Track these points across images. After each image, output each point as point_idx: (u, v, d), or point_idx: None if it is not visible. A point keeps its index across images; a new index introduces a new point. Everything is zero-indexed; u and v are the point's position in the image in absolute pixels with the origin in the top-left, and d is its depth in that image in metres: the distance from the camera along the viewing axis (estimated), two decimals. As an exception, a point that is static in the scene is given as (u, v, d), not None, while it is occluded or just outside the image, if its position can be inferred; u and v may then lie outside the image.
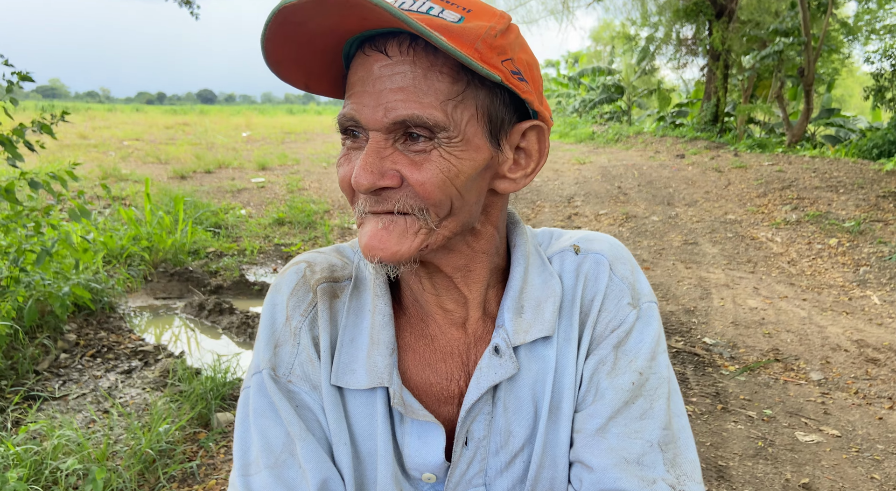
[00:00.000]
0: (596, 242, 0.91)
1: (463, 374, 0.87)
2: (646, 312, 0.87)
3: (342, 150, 0.77)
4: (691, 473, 0.82)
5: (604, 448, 0.81)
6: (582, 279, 0.88)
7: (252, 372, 0.85)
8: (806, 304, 5.22)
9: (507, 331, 0.83)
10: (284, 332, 0.85)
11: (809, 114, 14.98)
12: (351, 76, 0.73)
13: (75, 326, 4.29)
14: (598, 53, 34.64)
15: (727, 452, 3.07)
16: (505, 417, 0.85)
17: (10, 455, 2.52)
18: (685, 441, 0.84)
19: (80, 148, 15.33)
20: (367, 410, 0.84)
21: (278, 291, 0.88)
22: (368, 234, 0.74)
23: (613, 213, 8.67)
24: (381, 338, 0.83)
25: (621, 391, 0.83)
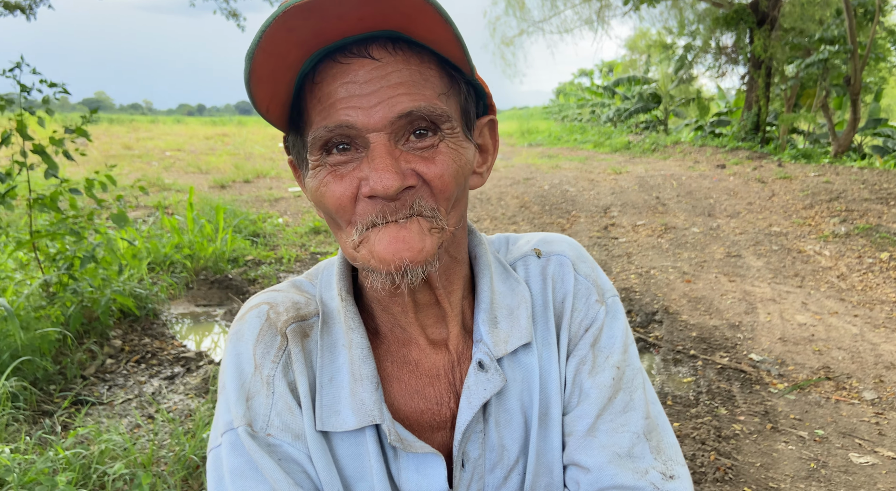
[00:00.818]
0: (556, 244, 0.92)
1: (452, 395, 0.84)
2: (612, 306, 0.89)
3: (321, 171, 0.72)
4: (675, 456, 0.85)
5: (596, 447, 0.83)
6: (549, 282, 0.89)
7: (222, 430, 0.77)
8: (857, 320, 5.02)
9: (486, 344, 0.82)
10: (255, 382, 0.77)
11: (856, 123, 14.53)
12: (322, 89, 0.69)
13: (121, 331, 4.38)
14: (634, 62, 34.31)
15: (778, 474, 2.96)
16: (497, 433, 0.84)
17: (59, 459, 2.57)
18: (663, 426, 0.87)
19: (124, 158, 15.80)
20: (357, 451, 0.79)
21: (240, 338, 0.80)
22: (388, 240, 0.69)
23: (652, 223, 8.53)
24: (362, 372, 0.78)
25: (604, 388, 0.85)
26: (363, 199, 0.70)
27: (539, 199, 10.35)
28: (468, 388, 0.81)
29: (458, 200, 0.76)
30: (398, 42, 0.69)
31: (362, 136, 0.69)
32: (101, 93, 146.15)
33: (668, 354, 4.41)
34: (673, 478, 0.82)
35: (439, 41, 0.69)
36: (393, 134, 0.69)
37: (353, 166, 0.70)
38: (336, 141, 0.70)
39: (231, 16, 9.87)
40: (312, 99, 0.70)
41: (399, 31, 0.68)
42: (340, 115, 0.68)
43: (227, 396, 0.78)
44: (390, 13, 0.64)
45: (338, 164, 0.71)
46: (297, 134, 0.75)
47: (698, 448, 3.15)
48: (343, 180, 0.70)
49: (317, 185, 0.73)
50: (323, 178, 0.72)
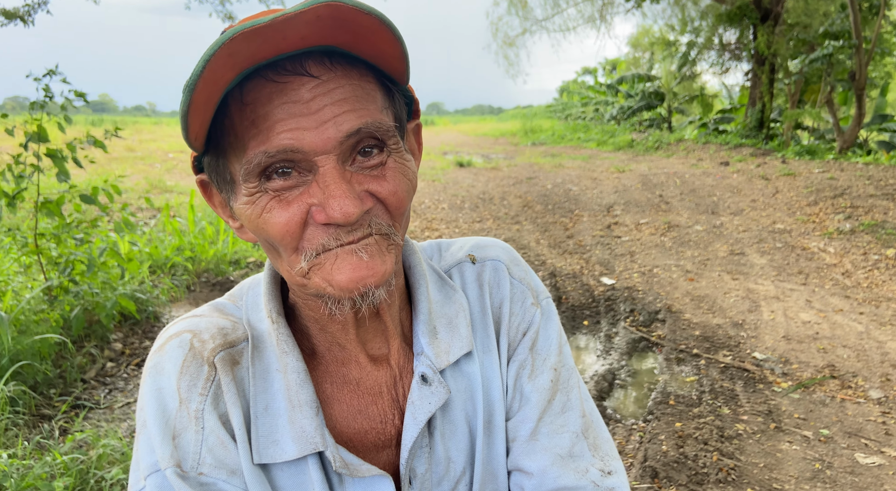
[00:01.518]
0: (490, 249, 0.92)
1: (396, 412, 0.82)
2: (546, 308, 0.90)
3: (261, 198, 0.66)
4: (610, 451, 0.87)
5: (538, 450, 0.83)
6: (486, 288, 0.88)
7: (146, 473, 0.71)
8: (863, 318, 4.98)
9: (428, 356, 0.80)
10: (181, 418, 0.71)
11: (861, 119, 14.44)
12: (256, 111, 0.63)
13: (121, 335, 4.38)
14: (637, 60, 34.23)
15: (782, 475, 2.93)
16: (443, 445, 0.82)
17: (57, 464, 2.56)
18: (597, 422, 0.89)
19: (127, 160, 15.85)
20: (299, 480, 0.75)
21: (160, 372, 0.74)
22: (352, 267, 0.66)
23: (655, 222, 8.49)
24: (300, 398, 0.74)
25: (544, 391, 0.85)
26: (314, 224, 0.66)
27: (542, 199, 10.32)
28: (412, 403, 0.79)
29: (407, 213, 0.74)
30: (334, 56, 0.65)
31: (308, 159, 0.64)
32: (104, 95, 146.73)
33: (671, 353, 4.37)
34: (611, 474, 0.84)
35: (383, 57, 0.67)
36: (341, 155, 0.65)
37: (301, 191, 0.66)
38: (278, 167, 0.65)
39: (227, 18, 9.88)
40: (243, 121, 0.64)
41: (339, 47, 0.65)
42: (282, 138, 0.63)
43: (148, 435, 0.72)
44: (337, 33, 0.61)
45: (281, 189, 0.66)
46: (219, 155, 0.69)
47: (701, 448, 3.12)
48: (290, 206, 0.66)
49: (258, 212, 0.67)
50: (265, 204, 0.66)
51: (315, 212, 0.66)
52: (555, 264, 6.63)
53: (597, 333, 4.84)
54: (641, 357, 4.40)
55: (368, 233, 0.68)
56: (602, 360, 4.32)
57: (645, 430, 3.37)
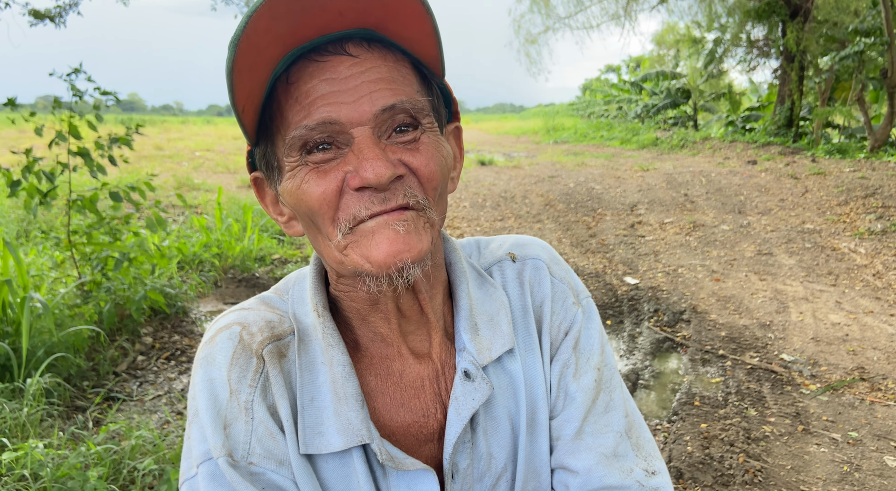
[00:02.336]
0: (530, 247, 0.92)
1: (438, 406, 0.82)
2: (587, 307, 0.90)
3: (301, 170, 0.70)
4: (653, 452, 0.87)
5: (583, 449, 0.84)
6: (527, 286, 0.89)
7: (198, 461, 0.73)
8: (894, 319, 4.88)
9: (470, 352, 0.81)
10: (231, 408, 0.73)
11: (893, 117, 14.10)
12: (300, 88, 0.67)
13: (151, 329, 4.47)
14: (662, 57, 33.81)
15: (810, 477, 2.89)
16: (485, 441, 0.83)
17: (91, 455, 2.63)
18: (639, 422, 0.89)
19: (156, 159, 16.13)
20: (344, 473, 0.76)
21: (211, 363, 0.75)
22: (389, 242, 0.68)
23: (680, 221, 8.40)
24: (346, 391, 0.75)
25: (588, 391, 0.86)
26: (349, 192, 0.68)
27: (564, 197, 10.27)
28: (456, 398, 0.79)
29: (442, 195, 0.75)
30: (372, 41, 0.69)
31: (345, 131, 0.67)
32: (133, 94, 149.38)
33: (696, 353, 4.33)
34: (655, 474, 0.85)
35: (416, 37, 0.69)
36: (376, 128, 0.68)
37: (338, 162, 0.69)
38: (318, 140, 0.68)
39: None
40: (289, 99, 0.68)
41: (374, 29, 0.68)
42: (322, 111, 0.66)
43: (201, 424, 0.73)
44: (372, 6, 0.64)
45: (320, 161, 0.69)
46: (268, 142, 0.73)
47: (727, 450, 3.09)
48: (327, 175, 0.68)
49: (297, 183, 0.70)
50: (304, 176, 0.69)
51: (350, 177, 0.68)
52: (577, 263, 6.60)
53: (620, 333, 4.81)
54: (665, 358, 4.37)
55: (404, 204, 0.69)
56: (626, 360, 4.30)
57: (669, 430, 3.35)
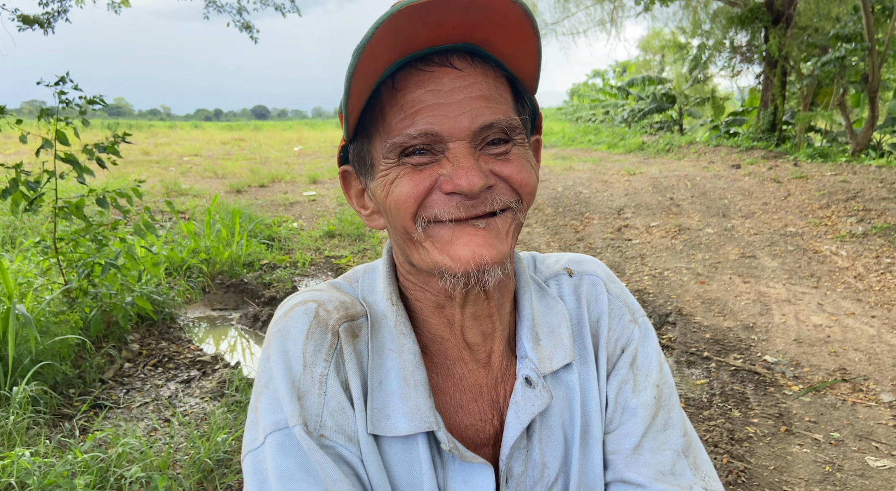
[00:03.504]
0: (587, 264, 0.94)
1: (496, 412, 0.84)
2: (644, 326, 0.92)
3: (396, 169, 0.73)
4: (710, 472, 0.88)
5: (642, 464, 0.84)
6: (584, 301, 0.90)
7: (268, 430, 0.74)
8: (875, 321, 4.96)
9: (532, 361, 0.83)
10: (305, 380, 0.75)
11: (875, 121, 14.33)
12: (405, 96, 0.71)
13: (138, 336, 4.45)
14: (647, 63, 34.12)
15: (792, 477, 2.94)
16: (540, 450, 0.84)
17: (77, 463, 2.62)
18: (696, 442, 0.90)
19: (143, 164, 16.02)
20: (406, 458, 0.78)
21: (286, 335, 0.77)
22: (468, 238, 0.70)
23: (665, 225, 8.48)
24: (416, 378, 0.77)
25: (648, 407, 0.86)
26: (438, 193, 0.71)
27: (552, 201, 10.33)
28: (516, 403, 0.81)
29: (528, 207, 0.78)
30: (475, 55, 0.72)
31: (443, 142, 0.71)
32: (120, 99, 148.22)
33: (682, 355, 4.39)
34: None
35: (518, 55, 0.72)
36: (472, 141, 0.71)
37: (432, 165, 0.72)
38: (417, 146, 0.71)
39: (244, 28, 9.98)
40: (393, 106, 0.71)
41: (480, 44, 0.71)
42: (425, 122, 0.70)
43: (274, 394, 0.74)
44: (484, 24, 0.67)
45: (414, 165, 0.72)
46: (364, 140, 0.77)
47: (711, 451, 3.13)
48: (420, 174, 0.72)
49: (391, 180, 0.73)
50: (399, 173, 0.73)
51: (442, 182, 0.71)
52: (565, 267, 6.64)
53: (607, 336, 4.85)
54: (652, 360, 4.42)
55: (491, 211, 0.72)
56: (612, 362, 4.34)
57: (655, 432, 3.39)
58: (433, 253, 0.72)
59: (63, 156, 4.08)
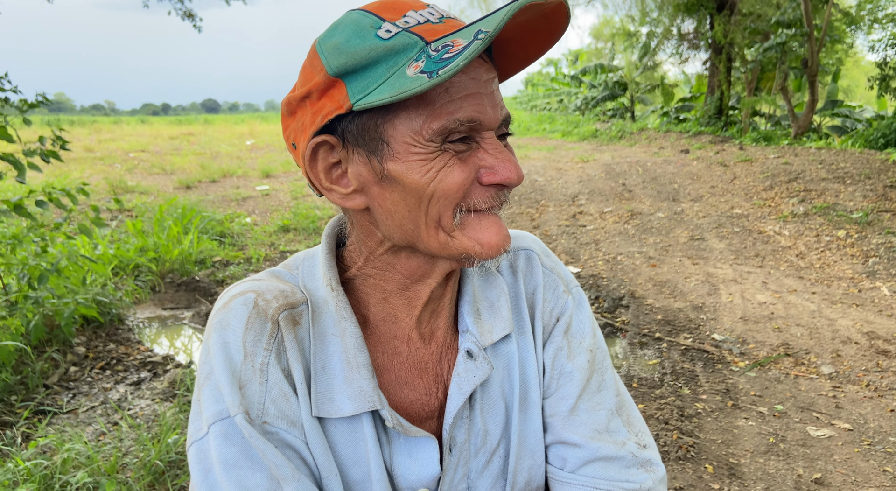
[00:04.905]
0: (521, 239, 0.98)
1: (440, 386, 0.88)
2: (577, 295, 0.97)
3: (442, 156, 0.72)
4: (642, 428, 0.94)
5: (578, 424, 0.90)
6: (520, 274, 0.94)
7: (210, 421, 0.75)
8: (815, 297, 5.17)
9: (473, 334, 0.87)
10: (246, 370, 0.76)
11: (814, 105, 14.88)
12: (450, 80, 0.70)
13: (84, 338, 4.31)
14: (600, 51, 34.56)
15: (738, 450, 3.05)
16: (482, 418, 0.88)
17: (19, 471, 2.53)
18: (629, 402, 0.96)
19: (85, 161, 15.44)
20: (351, 437, 0.81)
21: (226, 327, 0.78)
22: (497, 229, 0.75)
23: (618, 210, 8.64)
24: (358, 361, 0.80)
25: (582, 371, 0.92)
26: (477, 184, 0.74)
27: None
28: (458, 375, 0.84)
29: None
30: (488, 51, 0.76)
31: (479, 131, 0.73)
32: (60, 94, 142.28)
33: (635, 337, 4.49)
34: (646, 447, 0.92)
35: (519, 57, 0.77)
36: (496, 133, 0.76)
37: (470, 154, 0.74)
38: (460, 132, 0.72)
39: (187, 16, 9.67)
40: (437, 87, 0.70)
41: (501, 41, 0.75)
42: (471, 109, 0.71)
43: (216, 385, 0.76)
44: (530, 28, 0.72)
45: (460, 151, 0.73)
46: (380, 115, 0.72)
47: (661, 428, 3.23)
48: (466, 165, 0.73)
49: (437, 166, 0.72)
50: (447, 161, 0.72)
51: (485, 174, 0.74)
52: (521, 255, 6.71)
53: (562, 321, 4.93)
54: (607, 343, 4.51)
55: (505, 200, 0.78)
56: (567, 346, 4.41)
57: (609, 412, 3.46)
58: (462, 240, 0.75)
59: (1, 154, 3.91)
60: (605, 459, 0.88)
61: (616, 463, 0.89)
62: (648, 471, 0.90)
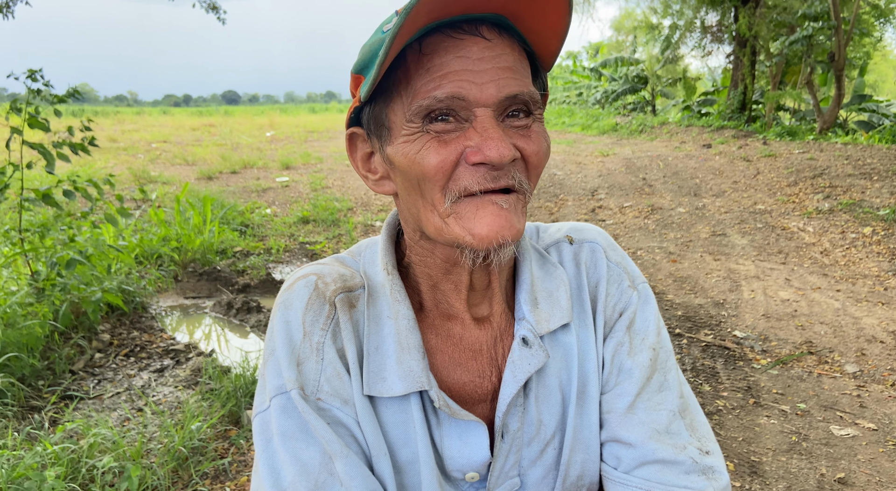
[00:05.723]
0: (587, 232, 0.96)
1: (494, 369, 0.87)
2: (643, 292, 0.94)
3: (421, 137, 0.73)
4: (707, 434, 0.90)
5: (635, 423, 0.87)
6: (583, 267, 0.93)
7: (271, 394, 0.80)
8: (840, 295, 5.09)
9: (529, 322, 0.86)
10: (304, 348, 0.81)
11: (841, 99, 14.59)
12: (433, 60, 0.71)
13: (109, 326, 4.38)
14: (620, 44, 34.20)
15: (760, 448, 3.02)
16: (536, 408, 0.87)
17: (47, 454, 2.58)
18: (694, 405, 0.92)
19: (109, 151, 15.65)
20: (402, 418, 0.82)
21: (289, 307, 0.83)
22: (491, 217, 0.72)
23: (638, 205, 8.57)
24: (409, 342, 0.82)
25: (643, 369, 0.89)
26: (465, 165, 0.72)
27: (527, 183, 10.37)
28: (513, 362, 0.84)
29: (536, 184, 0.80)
30: (502, 28, 0.73)
31: (469, 109, 0.72)
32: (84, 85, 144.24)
33: (654, 333, 4.46)
34: (709, 453, 0.87)
35: (545, 33, 0.73)
36: (496, 111, 0.72)
37: (458, 134, 0.72)
38: (442, 110, 0.72)
39: (211, 9, 9.73)
40: (419, 69, 0.72)
41: (509, 17, 0.72)
42: (452, 85, 0.70)
43: (277, 361, 0.80)
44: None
45: (441, 131, 0.72)
46: (384, 103, 0.77)
47: (682, 425, 3.20)
48: (447, 146, 0.72)
49: (416, 149, 0.73)
50: (425, 143, 0.73)
51: (469, 153, 0.72)
52: (540, 248, 6.69)
53: (581, 315, 4.91)
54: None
55: (510, 185, 0.73)
56: (586, 341, 4.40)
57: (628, 408, 3.45)
58: (454, 227, 0.74)
59: (33, 145, 4.00)
60: (662, 463, 0.85)
61: (674, 467, 0.85)
62: (710, 479, 0.85)
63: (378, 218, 8.20)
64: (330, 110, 48.68)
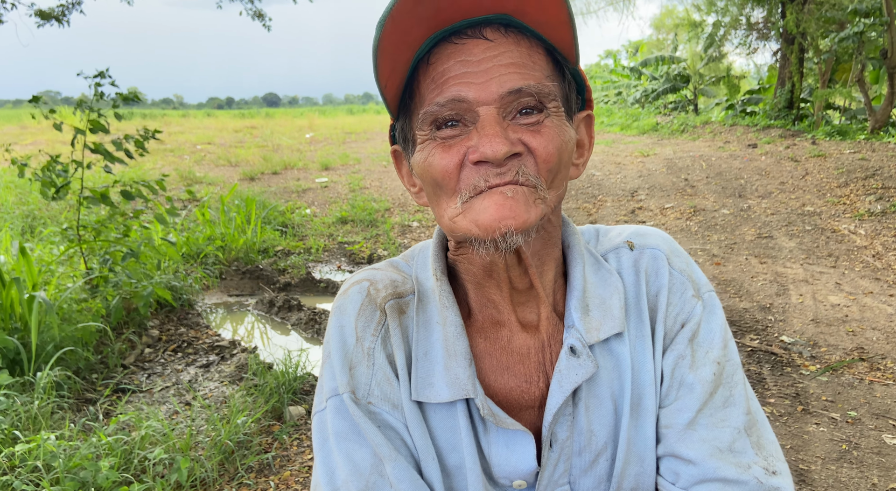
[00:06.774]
0: (649, 237, 0.91)
1: (542, 375, 0.86)
2: (708, 301, 0.88)
3: (429, 144, 0.75)
4: (776, 453, 0.84)
5: (696, 440, 0.82)
6: (643, 275, 0.88)
7: (327, 396, 0.82)
8: (893, 300, 4.91)
9: (578, 330, 0.83)
10: (357, 353, 0.83)
11: (894, 98, 14.04)
12: (437, 68, 0.72)
13: (158, 322, 4.52)
14: (661, 42, 33.62)
15: (809, 456, 2.94)
16: (586, 417, 0.84)
17: (102, 445, 2.68)
18: (763, 422, 0.86)
19: (157, 152, 16.14)
20: (449, 423, 0.83)
21: (343, 312, 0.85)
22: (495, 206, 0.71)
23: (680, 206, 8.41)
24: (456, 348, 0.81)
25: (706, 383, 0.84)
26: (469, 165, 0.73)
27: (565, 184, 10.28)
28: (559, 371, 0.82)
29: (559, 178, 0.77)
30: (509, 27, 0.73)
31: (472, 109, 0.71)
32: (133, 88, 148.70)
33: (697, 337, 4.38)
34: (776, 473, 0.82)
35: (551, 23, 0.72)
36: (501, 108, 0.72)
37: (462, 138, 0.73)
38: (447, 116, 0.72)
39: (257, 16, 9.94)
40: (426, 79, 0.73)
41: (512, 14, 0.72)
42: (453, 89, 0.71)
43: (331, 364, 0.83)
44: None
45: (447, 137, 0.74)
46: (406, 117, 0.79)
47: (727, 430, 3.14)
48: (451, 150, 0.73)
49: (425, 156, 0.75)
50: (431, 150, 0.75)
51: (470, 152, 0.72)
52: (579, 250, 6.63)
53: (622, 318, 4.85)
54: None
55: (515, 180, 0.72)
56: (627, 344, 4.34)
57: (670, 412, 3.40)
58: (462, 222, 0.74)
59: (93, 146, 4.18)
60: (724, 481, 0.80)
61: (736, 487, 0.80)
62: None
63: (415, 218, 8.25)
64: (367, 111, 49.12)
